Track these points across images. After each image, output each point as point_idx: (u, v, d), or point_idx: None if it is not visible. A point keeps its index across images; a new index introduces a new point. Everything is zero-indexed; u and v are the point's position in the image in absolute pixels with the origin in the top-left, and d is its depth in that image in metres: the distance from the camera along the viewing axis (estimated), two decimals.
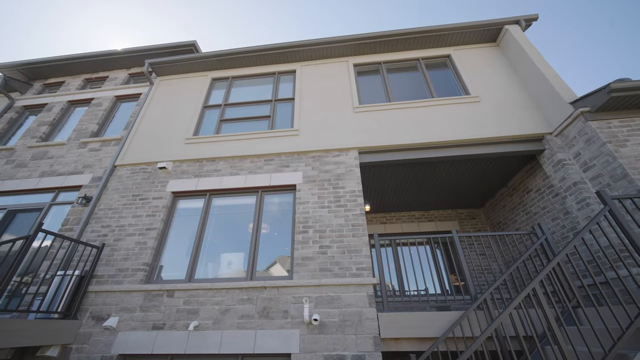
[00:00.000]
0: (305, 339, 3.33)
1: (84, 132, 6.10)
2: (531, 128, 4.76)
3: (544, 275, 2.49)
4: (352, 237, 4.03)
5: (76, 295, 3.85)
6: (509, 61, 5.72)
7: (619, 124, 3.89)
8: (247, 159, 5.04)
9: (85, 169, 5.42)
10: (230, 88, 6.39)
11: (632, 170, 3.47)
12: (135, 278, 4.04)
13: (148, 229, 4.46)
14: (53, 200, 5.20)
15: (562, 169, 4.30)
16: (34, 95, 7.27)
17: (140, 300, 3.84)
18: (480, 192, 6.29)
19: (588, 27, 52.36)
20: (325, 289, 3.63)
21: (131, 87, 6.76)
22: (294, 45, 6.19)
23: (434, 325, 3.28)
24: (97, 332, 3.68)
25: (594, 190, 3.92)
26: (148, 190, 4.90)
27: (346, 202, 4.33)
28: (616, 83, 3.64)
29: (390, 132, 5.02)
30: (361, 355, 3.18)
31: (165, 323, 3.64)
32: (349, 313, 3.44)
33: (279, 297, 3.65)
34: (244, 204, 4.73)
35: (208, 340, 3.46)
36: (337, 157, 4.84)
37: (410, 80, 5.96)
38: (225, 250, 4.42)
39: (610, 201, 2.75)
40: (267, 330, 3.44)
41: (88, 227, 4.62)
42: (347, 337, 3.30)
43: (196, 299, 3.76)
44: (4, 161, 5.83)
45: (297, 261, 3.90)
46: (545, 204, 4.86)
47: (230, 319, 3.58)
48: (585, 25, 52.68)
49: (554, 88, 4.58)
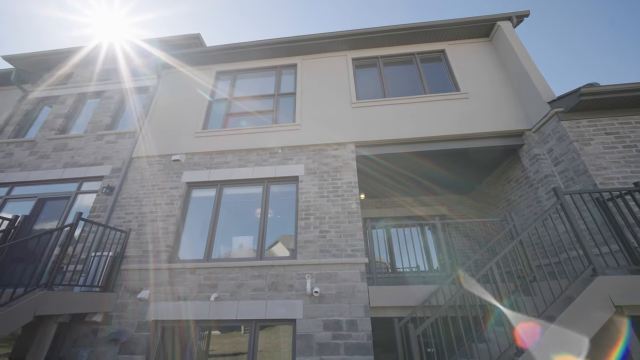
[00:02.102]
0: (307, 307, 4.02)
1: (98, 124, 6.51)
2: (514, 124, 5.20)
3: (499, 258, 3.09)
4: (348, 223, 4.62)
5: (111, 272, 4.50)
6: (499, 57, 6.02)
7: (587, 123, 4.34)
8: (254, 152, 5.52)
9: (105, 161, 5.90)
10: (235, 82, 6.72)
11: (591, 167, 3.98)
12: (160, 258, 4.68)
13: (168, 215, 5.05)
14: (78, 190, 5.73)
15: (536, 162, 4.81)
16: (45, 87, 7.56)
17: (166, 276, 4.51)
18: (467, 180, 6.83)
19: (588, 24, 50.43)
20: (325, 267, 4.28)
21: (140, 80, 7.06)
22: (295, 39, 6.44)
23: (415, 296, 3.95)
24: (132, 302, 4.38)
25: (561, 182, 4.46)
26: (165, 180, 5.43)
27: (343, 192, 4.88)
28: (585, 88, 4.05)
29: (385, 127, 5.46)
30: (354, 320, 3.88)
31: (190, 295, 4.33)
32: (344, 287, 4.11)
33: (285, 274, 4.30)
34: (252, 193, 5.28)
35: (227, 309, 4.15)
36: (336, 151, 5.32)
37: (406, 75, 6.28)
38: (237, 234, 5.04)
39: (562, 196, 3.29)
40: (276, 300, 4.12)
41: (114, 214, 5.20)
42: (342, 305, 3.98)
43: (214, 275, 4.42)
44: (27, 152, 6.30)
45: (300, 243, 4.52)
46: (522, 193, 5.43)
47: (244, 291, 4.25)
48: (584, 22, 50.69)
49: (536, 87, 4.97)
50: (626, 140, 4.12)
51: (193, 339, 4.15)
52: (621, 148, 4.07)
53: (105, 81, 7.31)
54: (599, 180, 3.87)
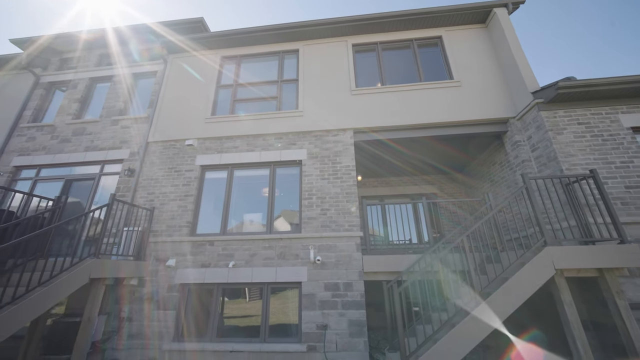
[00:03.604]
0: (311, 272, 4.78)
1: (112, 109, 6.90)
2: (502, 112, 5.63)
3: (469, 232, 3.75)
4: (345, 202, 5.26)
5: (142, 244, 5.21)
6: (493, 44, 6.28)
7: (563, 114, 4.80)
8: (260, 137, 6.01)
9: (123, 144, 6.40)
10: (240, 67, 7.00)
11: (560, 154, 4.52)
12: (182, 232, 5.38)
13: (186, 195, 5.67)
14: (101, 172, 6.30)
15: (517, 148, 5.33)
16: (54, 71, 7.81)
17: (189, 247, 5.24)
18: (457, 162, 7.37)
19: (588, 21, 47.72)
20: (325, 240, 4.99)
21: (147, 65, 7.32)
22: (298, 25, 6.62)
23: (402, 263, 4.69)
24: (162, 269, 5.14)
25: (536, 167, 5.02)
26: (180, 163, 5.98)
27: (342, 175, 5.46)
28: (563, 82, 4.46)
29: (382, 113, 5.89)
30: (350, 283, 4.66)
31: (210, 263, 5.08)
32: (342, 256, 4.84)
33: (291, 245, 5.02)
34: (260, 175, 5.86)
35: (242, 274, 4.92)
36: (336, 137, 5.81)
37: (403, 63, 6.56)
38: (248, 211, 5.70)
39: (528, 181, 3.88)
40: (284, 267, 4.88)
41: (137, 194, 5.82)
42: (340, 271, 4.74)
43: (231, 246, 5.14)
44: (49, 137, 6.78)
45: (304, 220, 5.19)
46: (503, 175, 6.01)
47: (257, 260, 5.00)
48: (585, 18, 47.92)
49: (522, 77, 5.34)
50: (595, 130, 4.62)
51: (214, 298, 4.97)
52: (589, 137, 4.58)
53: (113, 65, 7.56)
54: (566, 166, 4.43)
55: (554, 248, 3.46)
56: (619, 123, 4.59)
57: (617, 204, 4.10)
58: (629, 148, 4.41)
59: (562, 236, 4.04)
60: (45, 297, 3.34)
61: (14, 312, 3.01)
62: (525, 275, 3.38)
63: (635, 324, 3.21)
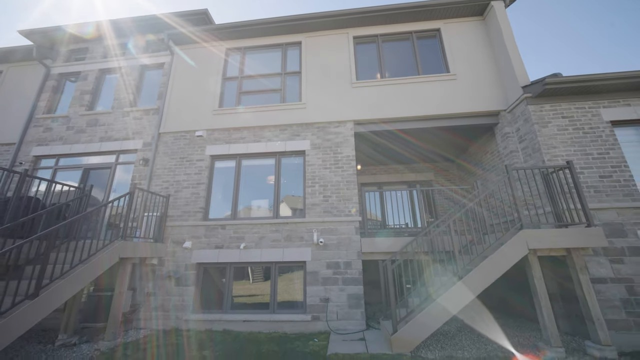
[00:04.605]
0: (314, 253, 5.31)
1: (123, 101, 7.21)
2: (495, 105, 5.95)
3: (455, 217, 4.22)
4: (346, 189, 5.71)
5: (160, 228, 5.72)
6: (489, 37, 6.49)
7: (549, 107, 5.15)
8: (266, 129, 6.37)
9: (136, 135, 6.78)
10: (244, 59, 7.23)
11: (544, 146, 4.91)
12: (196, 217, 5.88)
13: (198, 183, 6.12)
14: (116, 161, 6.71)
15: (506, 139, 5.71)
16: (64, 62, 8.03)
17: (203, 231, 5.75)
18: (452, 151, 7.76)
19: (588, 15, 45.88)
20: (327, 224, 5.48)
21: (154, 56, 7.54)
22: (301, 17, 6.79)
23: (396, 245, 5.20)
24: (179, 250, 5.68)
25: (523, 157, 5.43)
26: (191, 153, 6.39)
27: (343, 165, 5.88)
28: (549, 78, 4.78)
29: (381, 106, 6.22)
30: (349, 262, 5.20)
31: (223, 244, 5.61)
32: (342, 238, 5.36)
33: (296, 229, 5.53)
34: (266, 165, 6.28)
35: (252, 254, 5.46)
36: (337, 128, 6.18)
37: (402, 56, 6.79)
38: (255, 198, 6.17)
39: (510, 172, 4.30)
40: (290, 248, 5.41)
41: (152, 182, 6.26)
42: (341, 251, 5.27)
43: (241, 229, 5.65)
44: (64, 127, 7.14)
45: (308, 206, 5.67)
46: (494, 164, 6.42)
47: (265, 242, 5.52)
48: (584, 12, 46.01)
49: (515, 71, 5.62)
50: (577, 123, 4.98)
51: (227, 276, 5.54)
52: (571, 130, 4.95)
53: (121, 57, 7.77)
54: (547, 157, 4.84)
55: (529, 231, 3.94)
56: (600, 117, 4.94)
57: (591, 192, 4.55)
58: (606, 140, 4.80)
59: (540, 221, 4.51)
60: (87, 272, 3.87)
61: (64, 284, 3.54)
62: (501, 255, 3.88)
63: (593, 296, 3.74)
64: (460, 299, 3.79)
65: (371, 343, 4.16)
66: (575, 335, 4.19)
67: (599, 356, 3.44)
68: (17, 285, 3.19)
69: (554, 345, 3.59)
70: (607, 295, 4.04)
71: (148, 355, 3.90)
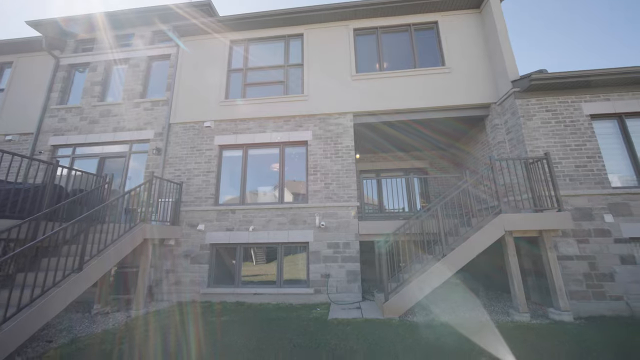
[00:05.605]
0: (316, 234, 5.89)
1: (132, 92, 7.53)
2: (487, 97, 6.31)
3: (443, 203, 4.73)
4: (345, 177, 6.20)
5: (175, 212, 6.26)
6: (484, 31, 6.72)
7: (535, 101, 5.53)
8: (271, 120, 6.76)
9: (147, 126, 7.17)
10: (248, 51, 7.48)
11: (527, 137, 5.35)
12: (208, 203, 6.40)
13: (208, 171, 6.60)
14: (130, 150, 7.15)
15: (495, 130, 6.13)
16: (72, 53, 8.26)
17: (214, 215, 6.29)
18: (446, 140, 8.17)
19: None
20: (328, 209, 6.02)
21: (161, 48, 7.77)
22: (302, 10, 6.98)
23: (390, 227, 5.75)
24: (193, 232, 6.25)
25: (509, 148, 5.87)
26: (200, 143, 6.81)
27: (343, 154, 6.33)
28: (535, 74, 5.13)
29: (380, 98, 6.58)
30: (348, 242, 5.79)
31: (233, 227, 6.17)
32: (341, 222, 5.91)
33: (300, 213, 6.07)
34: (271, 154, 6.73)
35: (260, 236, 6.03)
36: (337, 120, 6.57)
37: (400, 50, 7.04)
38: (262, 185, 6.67)
39: (494, 162, 4.77)
40: (295, 230, 5.97)
41: (165, 170, 6.74)
42: (340, 233, 5.84)
43: (250, 214, 6.19)
44: (78, 118, 7.51)
45: (310, 193, 6.18)
46: (484, 153, 6.87)
47: (272, 225, 6.08)
48: None
49: (506, 66, 5.94)
50: (559, 116, 5.38)
51: (238, 255, 6.14)
52: (554, 123, 5.37)
53: (127, 47, 8.00)
54: (530, 148, 5.29)
55: (505, 215, 4.47)
56: (581, 111, 5.34)
57: (567, 180, 5.04)
58: (584, 133, 5.23)
59: (522, 206, 5.03)
60: (119, 250, 4.45)
61: (101, 260, 4.12)
62: (480, 235, 4.43)
63: (558, 270, 4.33)
64: (443, 274, 4.38)
65: (366, 311, 4.81)
66: (543, 305, 4.83)
67: (558, 319, 4.08)
68: (65, 261, 3.76)
69: (521, 311, 4.22)
70: (572, 270, 4.63)
71: (177, 319, 4.55)
